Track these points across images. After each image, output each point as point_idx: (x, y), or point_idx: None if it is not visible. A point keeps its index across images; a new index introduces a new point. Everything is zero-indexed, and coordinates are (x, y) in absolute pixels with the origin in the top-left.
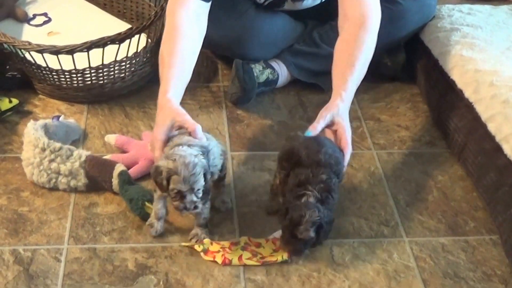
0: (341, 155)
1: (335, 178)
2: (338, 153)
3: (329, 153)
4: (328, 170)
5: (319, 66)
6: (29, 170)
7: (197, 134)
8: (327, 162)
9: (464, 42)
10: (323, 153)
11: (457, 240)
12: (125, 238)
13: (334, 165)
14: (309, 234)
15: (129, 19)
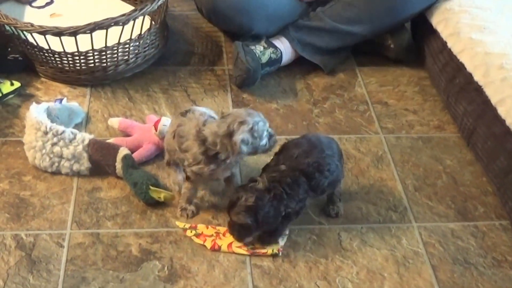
0: (337, 171)
1: (302, 179)
2: (330, 166)
3: (312, 162)
4: (297, 172)
5: (323, 41)
6: (31, 154)
7: None
8: (303, 168)
9: (473, 24)
10: (306, 160)
11: (466, 226)
12: (129, 223)
13: (311, 173)
14: (242, 218)
15: (133, 1)
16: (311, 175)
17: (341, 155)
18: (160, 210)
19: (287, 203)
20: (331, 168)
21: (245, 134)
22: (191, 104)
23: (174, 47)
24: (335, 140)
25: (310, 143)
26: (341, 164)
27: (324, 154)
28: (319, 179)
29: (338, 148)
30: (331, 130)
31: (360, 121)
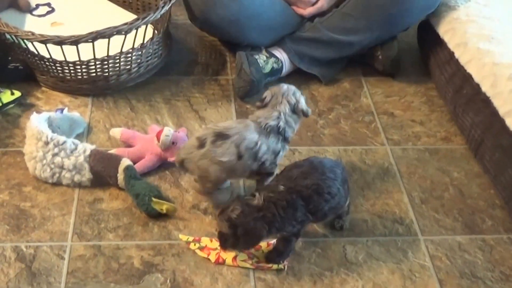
0: (338, 195)
1: (300, 202)
2: (331, 189)
3: (311, 184)
4: (294, 195)
5: (320, 53)
6: (31, 164)
7: None
8: (300, 190)
9: (481, 34)
10: (305, 182)
11: (474, 239)
12: (130, 235)
13: (309, 196)
14: (222, 226)
15: (135, 9)
16: (309, 197)
17: (346, 180)
18: (162, 222)
19: (280, 226)
20: (331, 191)
21: (302, 97)
22: (194, 115)
23: (177, 57)
24: (340, 165)
25: (311, 165)
26: (345, 189)
27: (324, 177)
28: (318, 202)
29: (343, 173)
30: (336, 141)
31: (366, 132)
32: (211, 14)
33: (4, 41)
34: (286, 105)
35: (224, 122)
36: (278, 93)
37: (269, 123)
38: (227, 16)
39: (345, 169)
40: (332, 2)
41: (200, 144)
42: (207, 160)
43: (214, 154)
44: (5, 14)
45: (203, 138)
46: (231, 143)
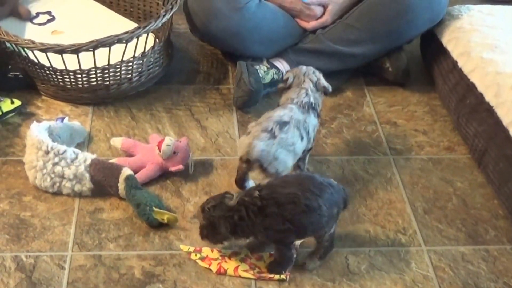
0: (319, 212)
1: (273, 209)
2: (310, 202)
3: (288, 193)
4: (268, 201)
5: (323, 64)
6: (31, 173)
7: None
8: (276, 197)
9: (484, 43)
10: (283, 190)
11: (477, 250)
12: (131, 245)
13: (283, 203)
14: (199, 216)
15: (136, 18)
16: (284, 205)
17: (336, 205)
18: (163, 232)
19: (247, 230)
20: (310, 204)
21: (321, 75)
22: (195, 124)
23: (178, 65)
24: (337, 188)
25: (298, 177)
26: (331, 212)
27: (306, 189)
28: (294, 211)
29: (335, 195)
30: (338, 151)
31: (369, 142)
32: (212, 26)
33: (4, 49)
34: (309, 83)
35: (267, 113)
36: (300, 73)
37: (304, 100)
38: (228, 28)
39: (343, 195)
40: (336, 17)
41: (271, 135)
42: (282, 148)
43: (286, 140)
44: (6, 22)
45: (269, 128)
46: (293, 127)
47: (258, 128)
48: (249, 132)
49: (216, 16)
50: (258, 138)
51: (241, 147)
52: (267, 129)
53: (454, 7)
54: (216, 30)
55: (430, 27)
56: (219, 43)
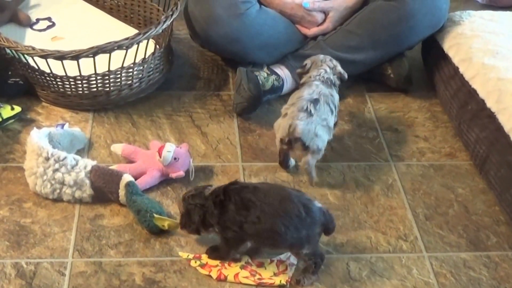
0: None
1: (230, 206)
2: (262, 209)
3: (244, 198)
4: (228, 197)
5: None
6: (32, 180)
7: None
8: (232, 198)
9: (486, 49)
10: (243, 193)
11: (478, 256)
12: (132, 252)
13: (238, 213)
14: (178, 203)
15: (136, 24)
16: (240, 208)
17: (306, 226)
18: (164, 238)
19: (213, 221)
20: (260, 216)
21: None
22: (195, 130)
23: (179, 71)
24: (312, 209)
25: (271, 187)
26: (300, 233)
27: (265, 199)
28: (245, 218)
29: (307, 217)
30: (339, 157)
31: (370, 148)
32: (212, 32)
33: (4, 55)
34: (326, 67)
35: (295, 93)
36: (317, 60)
37: (325, 76)
38: (228, 34)
39: (322, 220)
40: (337, 24)
41: (308, 114)
42: (319, 125)
43: (322, 117)
44: (5, 28)
45: (305, 107)
46: (324, 103)
47: (294, 108)
48: (285, 114)
49: (217, 23)
50: (297, 118)
51: (281, 129)
52: (303, 108)
53: (455, 13)
54: (216, 36)
55: (431, 33)
56: (220, 49)
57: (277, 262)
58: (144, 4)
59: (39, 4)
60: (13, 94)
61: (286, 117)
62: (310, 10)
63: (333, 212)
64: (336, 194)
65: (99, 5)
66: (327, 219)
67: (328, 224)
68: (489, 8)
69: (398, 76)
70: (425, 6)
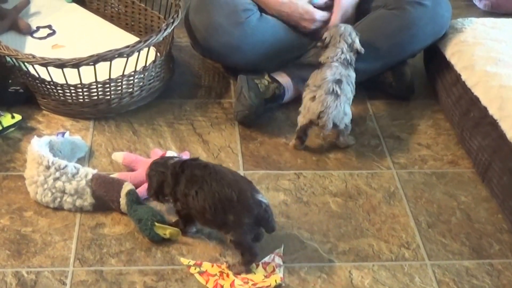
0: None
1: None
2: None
3: (196, 183)
4: (182, 170)
5: None
6: (32, 188)
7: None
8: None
9: (488, 56)
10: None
11: (481, 264)
12: (133, 260)
13: (186, 186)
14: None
15: (137, 32)
16: (189, 181)
17: (240, 205)
18: (165, 247)
19: (170, 190)
20: (202, 187)
21: (357, 37)
22: (197, 138)
23: (180, 79)
24: (250, 198)
25: (224, 168)
26: (225, 219)
27: (210, 174)
28: (187, 191)
29: (242, 200)
30: (341, 165)
31: (372, 156)
32: (213, 40)
33: (4, 64)
34: (344, 43)
35: (317, 74)
36: (336, 34)
37: (342, 57)
38: (229, 42)
39: (257, 211)
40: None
41: (335, 95)
42: (347, 104)
43: (346, 95)
44: (6, 36)
45: (331, 89)
46: (345, 83)
47: (321, 92)
48: (313, 97)
49: (217, 31)
50: (327, 100)
51: (310, 112)
52: (330, 91)
53: (457, 20)
54: (217, 44)
55: (434, 41)
56: (220, 57)
57: (263, 264)
58: (145, 12)
59: (40, 12)
60: (13, 103)
61: (315, 100)
62: (317, 6)
63: (335, 220)
64: (338, 202)
65: (99, 13)
66: (262, 214)
67: (263, 219)
68: (491, 15)
69: (400, 84)
70: (427, 14)
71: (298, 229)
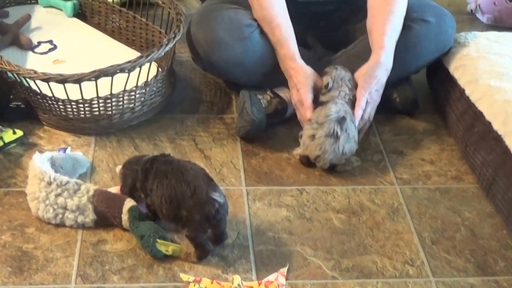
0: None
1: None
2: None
3: (162, 178)
4: (151, 177)
5: None
6: (34, 205)
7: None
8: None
9: (492, 71)
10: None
11: (486, 281)
12: (135, 277)
13: (153, 182)
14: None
15: (139, 47)
16: (156, 177)
17: (192, 200)
18: (167, 263)
19: (141, 186)
20: (161, 182)
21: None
22: (199, 154)
23: (181, 95)
24: (205, 195)
25: (189, 164)
26: (182, 205)
27: (172, 169)
28: (153, 186)
29: (195, 196)
30: (344, 181)
31: (375, 172)
32: (215, 55)
33: (5, 79)
34: (345, 88)
35: (322, 109)
36: (337, 79)
37: (346, 97)
38: (231, 58)
39: (205, 205)
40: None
41: (335, 138)
42: (346, 143)
43: (348, 136)
44: (7, 52)
45: (331, 131)
46: (349, 121)
47: (321, 132)
48: (312, 136)
49: (220, 46)
50: (325, 144)
51: (308, 150)
52: (330, 133)
53: (460, 34)
54: (219, 59)
55: (438, 57)
56: (222, 72)
57: (266, 283)
58: (146, 27)
59: (41, 27)
60: (15, 118)
61: (313, 141)
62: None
63: (338, 236)
64: (341, 218)
65: (100, 28)
66: (213, 213)
67: (213, 219)
68: (494, 28)
69: (404, 100)
70: (432, 31)
71: (301, 246)
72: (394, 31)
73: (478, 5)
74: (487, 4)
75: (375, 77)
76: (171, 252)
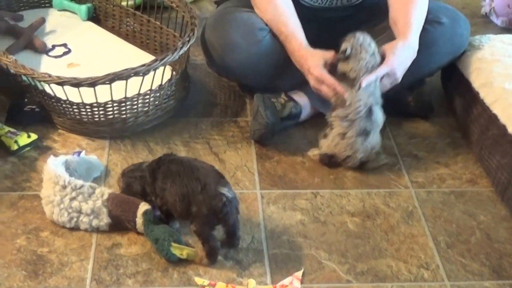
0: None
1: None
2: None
3: (168, 171)
4: (161, 176)
5: None
6: (49, 208)
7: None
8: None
9: (507, 74)
10: (172, 165)
11: (502, 285)
12: (150, 281)
13: (163, 181)
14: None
15: (153, 50)
16: (167, 176)
17: (202, 195)
18: (182, 267)
19: (150, 190)
20: (174, 181)
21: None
22: (213, 157)
23: (195, 98)
24: (214, 191)
25: (198, 162)
26: (192, 200)
27: (184, 168)
28: (163, 186)
29: (205, 191)
30: (359, 184)
31: (389, 175)
32: (229, 59)
33: (20, 83)
34: (365, 53)
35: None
36: (356, 44)
37: (368, 66)
38: (245, 61)
39: (213, 200)
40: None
41: (365, 135)
42: (377, 134)
43: (378, 122)
44: (21, 55)
45: (362, 130)
46: (378, 108)
47: (352, 132)
48: (343, 134)
49: (234, 50)
50: (356, 143)
51: (337, 150)
52: (361, 132)
53: (475, 37)
54: (233, 63)
55: (452, 59)
56: (236, 76)
57: (280, 286)
58: (161, 30)
59: (55, 30)
60: (29, 122)
61: (343, 139)
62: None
63: (353, 240)
64: (355, 221)
65: (114, 31)
66: (220, 207)
67: (221, 212)
68: (509, 31)
69: (419, 103)
70: (446, 33)
71: (316, 249)
72: (420, 16)
73: (493, 8)
74: (502, 7)
75: (400, 55)
76: (186, 255)
